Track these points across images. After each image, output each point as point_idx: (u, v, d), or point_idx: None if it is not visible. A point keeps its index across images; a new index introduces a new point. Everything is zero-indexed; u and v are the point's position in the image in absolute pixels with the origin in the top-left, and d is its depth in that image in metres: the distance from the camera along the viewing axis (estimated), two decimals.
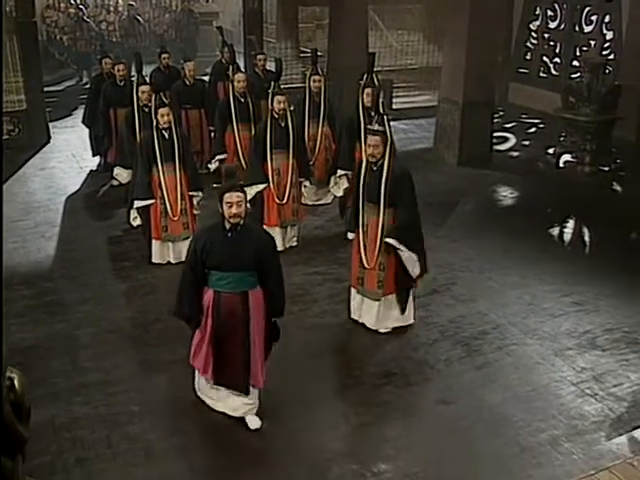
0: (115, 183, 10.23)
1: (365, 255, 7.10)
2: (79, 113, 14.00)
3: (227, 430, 5.78)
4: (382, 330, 7.21)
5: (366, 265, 7.10)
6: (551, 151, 13.30)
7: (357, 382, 6.48)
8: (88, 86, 14.48)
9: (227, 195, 5.42)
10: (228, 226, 5.52)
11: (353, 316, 7.42)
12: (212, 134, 11.29)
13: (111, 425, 5.89)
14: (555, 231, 10.06)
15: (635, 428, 5.82)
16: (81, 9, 19.39)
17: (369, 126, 7.15)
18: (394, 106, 16.01)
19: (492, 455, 5.55)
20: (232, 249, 5.51)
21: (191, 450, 5.58)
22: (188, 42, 19.98)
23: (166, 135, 8.32)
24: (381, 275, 7.07)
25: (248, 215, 5.79)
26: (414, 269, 7.07)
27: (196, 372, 5.97)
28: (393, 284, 7.13)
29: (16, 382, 2.48)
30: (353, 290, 7.38)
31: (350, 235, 7.54)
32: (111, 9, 21.12)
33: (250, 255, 5.53)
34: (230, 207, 5.41)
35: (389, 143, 7.00)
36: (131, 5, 20.57)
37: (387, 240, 6.97)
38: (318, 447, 5.61)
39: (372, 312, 7.22)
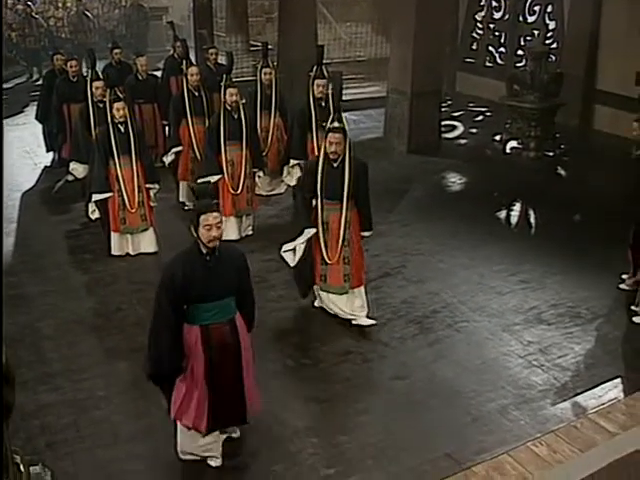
0: (70, 178, 10.29)
1: (327, 251, 7.18)
2: (31, 110, 14.03)
3: None
4: (365, 322, 7.30)
5: (328, 261, 7.19)
6: (497, 138, 13.69)
7: (315, 361, 6.74)
8: (40, 82, 14.46)
9: (204, 217, 4.82)
10: (205, 251, 4.94)
11: (319, 305, 7.58)
12: (165, 128, 11.47)
13: (78, 410, 6.07)
14: (502, 214, 10.43)
15: (578, 394, 6.17)
16: (29, 5, 19.26)
17: (329, 124, 7.14)
18: (344, 97, 16.23)
19: (445, 425, 5.84)
20: (215, 276, 4.97)
21: (156, 430, 5.77)
22: (138, 37, 19.99)
23: (122, 129, 8.48)
24: (347, 269, 7.20)
25: None
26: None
27: (179, 431, 5.38)
28: (361, 276, 7.38)
29: (3, 354, 2.69)
30: (316, 287, 7.49)
31: (310, 231, 7.25)
32: (59, 5, 21.00)
33: (233, 278, 5.10)
34: (209, 230, 4.82)
35: (348, 139, 7.11)
36: (80, 1, 20.52)
37: (365, 234, 7.39)
38: (279, 423, 5.85)
39: (341, 304, 7.35)
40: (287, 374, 6.57)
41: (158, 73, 12.83)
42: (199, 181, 8.51)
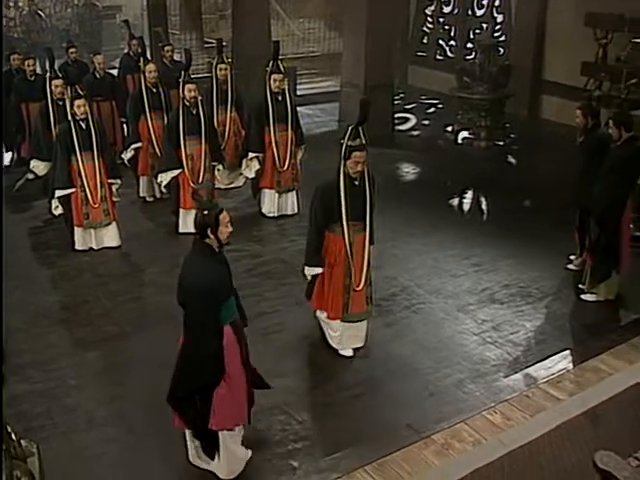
0: (30, 176, 10.39)
1: (354, 277, 6.60)
2: None
3: (163, 393, 6.19)
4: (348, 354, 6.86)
5: (357, 288, 6.63)
6: (449, 129, 14.05)
7: (277, 344, 6.99)
8: None
9: (222, 215, 4.91)
10: (218, 249, 5.04)
11: (335, 345, 6.90)
12: (123, 125, 11.63)
13: (51, 399, 6.25)
14: (454, 202, 10.80)
15: (529, 367, 6.53)
16: None
17: (349, 142, 6.62)
18: (298, 92, 16.49)
19: (405, 399, 6.16)
20: (228, 271, 5.15)
21: (129, 414, 5.99)
22: (92, 36, 20.01)
23: (83, 126, 8.62)
24: (369, 291, 6.77)
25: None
26: None
27: (226, 454, 5.28)
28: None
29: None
30: (334, 323, 6.81)
31: (313, 270, 6.77)
32: (11, 4, 20.91)
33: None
34: (227, 227, 4.93)
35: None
36: (32, 0, 20.47)
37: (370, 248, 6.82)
38: None
39: (362, 332, 6.89)
40: (253, 357, 6.79)
41: (113, 71, 12.94)
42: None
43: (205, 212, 4.89)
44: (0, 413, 2.73)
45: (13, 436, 3.17)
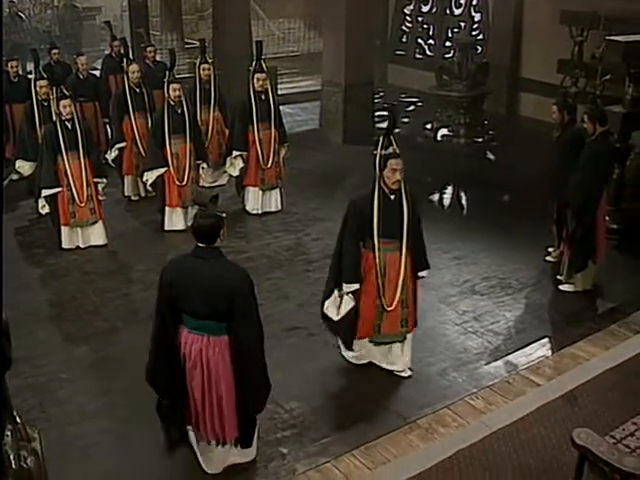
0: (15, 177, 10.47)
1: (385, 297, 6.30)
2: None
3: None
4: (406, 374, 6.52)
5: (388, 308, 6.31)
6: (429, 126, 14.24)
7: (265, 335, 7.12)
8: None
9: None
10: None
11: (360, 361, 6.69)
12: (106, 126, 11.74)
13: (42, 392, 6.37)
14: (435, 197, 11.01)
15: (509, 354, 6.73)
16: None
17: (383, 150, 6.13)
18: (279, 92, 16.64)
19: (390, 387, 6.34)
20: None
21: (121, 406, 6.13)
22: (73, 38, 20.01)
23: (69, 126, 8.74)
24: (405, 313, 6.40)
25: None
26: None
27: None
28: (415, 319, 6.58)
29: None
30: (363, 341, 6.57)
31: (349, 287, 6.33)
32: None
33: None
34: None
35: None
36: (12, 2, 20.47)
37: (422, 274, 6.50)
38: None
39: (396, 354, 6.56)
40: None
41: (95, 72, 13.03)
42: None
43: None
44: (2, 396, 2.87)
45: (18, 419, 3.32)
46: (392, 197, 6.16)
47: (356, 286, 6.28)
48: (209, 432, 5.20)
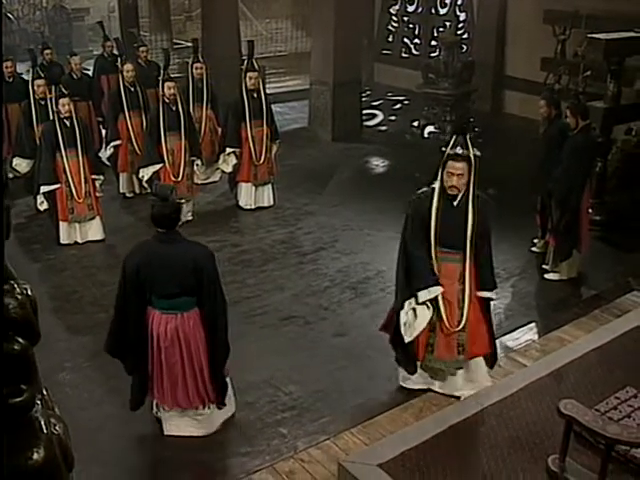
0: (10, 175, 10.65)
1: (445, 316, 5.77)
2: None
3: None
4: (459, 394, 6.01)
5: (450, 328, 5.77)
6: (416, 124, 14.56)
7: (260, 325, 7.40)
8: None
9: None
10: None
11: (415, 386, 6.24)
12: (100, 125, 11.97)
13: (47, 379, 6.46)
14: None
15: (498, 338, 6.98)
16: None
17: (449, 149, 5.72)
18: (267, 91, 16.84)
19: (384, 370, 6.57)
20: None
21: (124, 391, 6.27)
22: (63, 38, 20.17)
23: (67, 123, 8.96)
24: (462, 337, 5.82)
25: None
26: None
27: None
28: (487, 343, 5.96)
29: (29, 290, 3.29)
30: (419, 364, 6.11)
31: (428, 293, 5.74)
32: None
33: None
34: None
35: (474, 171, 5.73)
36: (1, 3, 20.60)
37: (484, 294, 5.86)
38: (236, 379, 6.46)
39: (450, 381, 6.08)
40: (237, 337, 7.19)
41: (88, 72, 13.21)
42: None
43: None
44: (35, 367, 3.09)
45: (44, 391, 3.54)
46: (455, 203, 5.68)
47: (438, 290, 5.69)
48: (192, 400, 5.65)
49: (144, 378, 5.66)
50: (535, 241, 9.01)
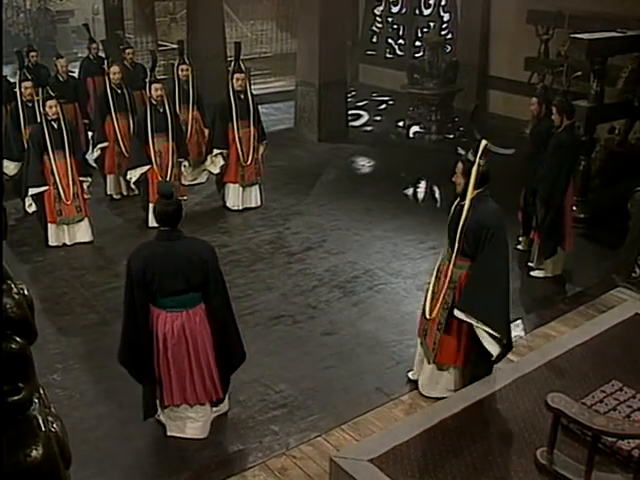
0: None
1: (428, 303, 6.01)
2: None
3: None
4: (428, 394, 6.13)
5: (427, 315, 5.99)
6: (401, 124, 14.67)
7: (250, 325, 7.43)
8: None
9: None
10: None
11: (412, 376, 6.43)
12: (86, 127, 11.98)
13: (39, 381, 6.59)
14: (409, 191, 11.38)
15: None
16: None
17: (464, 155, 5.89)
18: (253, 92, 16.89)
19: (373, 368, 6.69)
20: None
21: (117, 392, 6.39)
22: (47, 40, 20.15)
23: (55, 125, 8.97)
24: (437, 336, 5.92)
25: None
26: (489, 346, 5.70)
27: None
28: (457, 355, 5.92)
29: (25, 290, 3.34)
30: (418, 340, 6.32)
31: None
32: None
33: None
34: None
35: (474, 178, 5.81)
36: None
37: (455, 312, 5.74)
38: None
39: (425, 373, 6.21)
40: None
41: (74, 74, 13.22)
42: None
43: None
44: (32, 366, 3.14)
45: (40, 390, 3.59)
46: (461, 202, 5.82)
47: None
48: (200, 396, 5.67)
49: (154, 385, 5.66)
50: (520, 239, 9.09)
